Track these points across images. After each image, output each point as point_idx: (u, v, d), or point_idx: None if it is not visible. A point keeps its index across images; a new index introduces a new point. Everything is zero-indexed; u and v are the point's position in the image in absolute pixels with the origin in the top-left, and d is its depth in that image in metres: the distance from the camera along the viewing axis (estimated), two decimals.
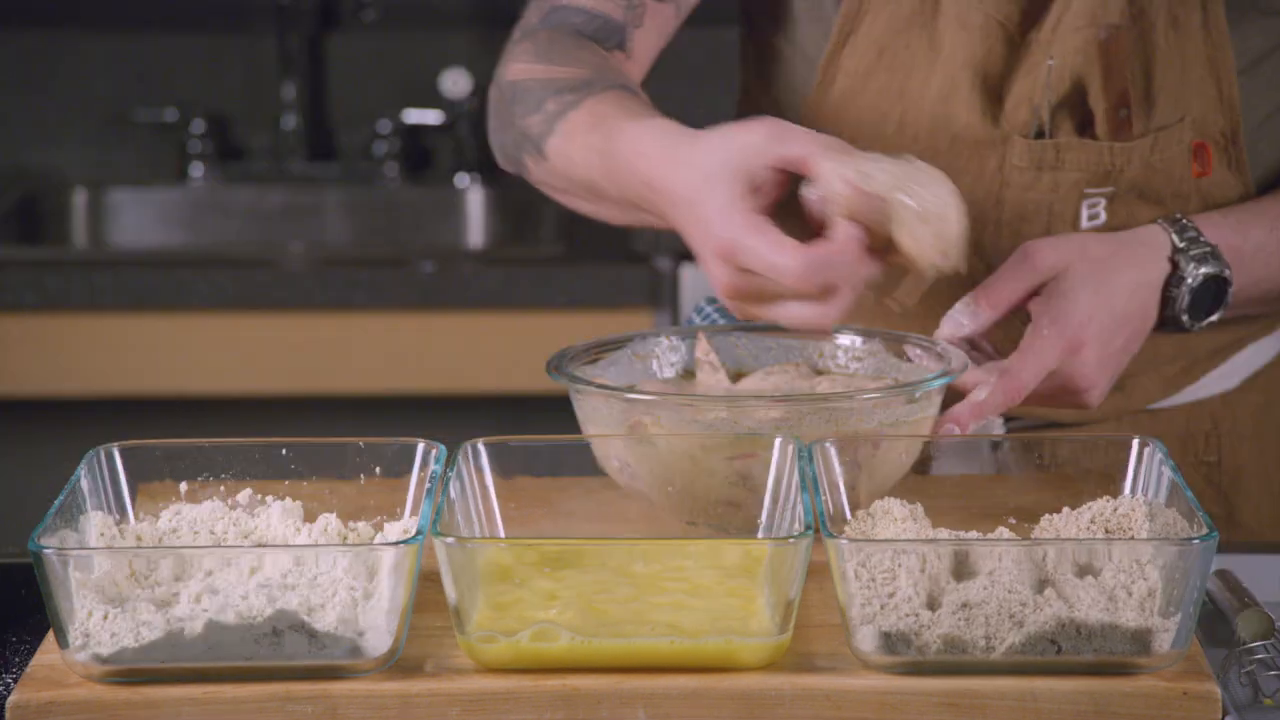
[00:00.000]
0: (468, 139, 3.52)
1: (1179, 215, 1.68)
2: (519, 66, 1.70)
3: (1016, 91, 1.71)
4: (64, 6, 3.53)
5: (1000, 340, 1.66)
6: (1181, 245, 1.66)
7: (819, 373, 1.69)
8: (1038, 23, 1.70)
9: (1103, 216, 1.74)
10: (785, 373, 1.68)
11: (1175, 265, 1.66)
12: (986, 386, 1.58)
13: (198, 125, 3.52)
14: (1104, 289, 1.61)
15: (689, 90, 2.74)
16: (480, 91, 3.53)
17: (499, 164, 1.78)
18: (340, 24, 3.56)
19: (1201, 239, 1.66)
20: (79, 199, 3.52)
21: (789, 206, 1.52)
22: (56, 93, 3.55)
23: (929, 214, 1.47)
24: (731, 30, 1.91)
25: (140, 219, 3.54)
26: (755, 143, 1.48)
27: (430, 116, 3.54)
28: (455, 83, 3.50)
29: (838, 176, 1.46)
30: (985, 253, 1.75)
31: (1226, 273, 1.66)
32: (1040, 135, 1.71)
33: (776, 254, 1.45)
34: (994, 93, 1.72)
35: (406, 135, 3.55)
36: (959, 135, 1.73)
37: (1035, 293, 1.63)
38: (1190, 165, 1.74)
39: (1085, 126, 1.72)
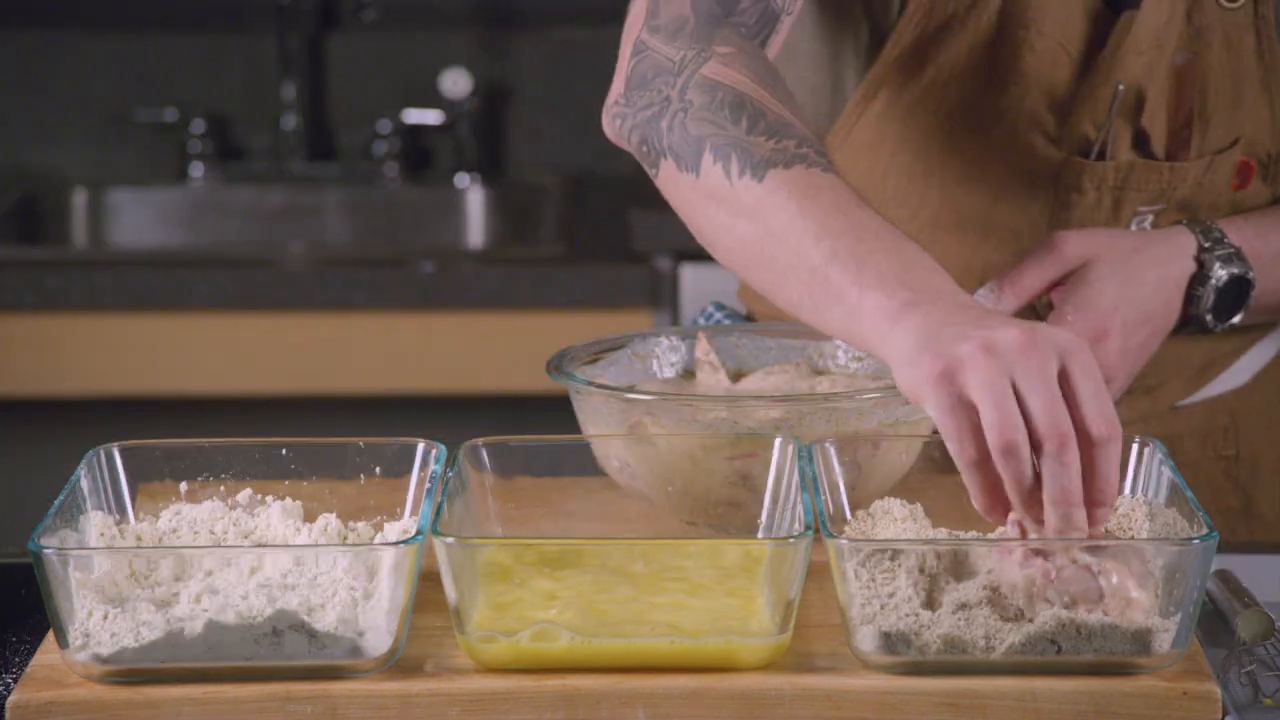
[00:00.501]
0: (468, 139, 3.52)
1: (1204, 217, 1.68)
2: (730, 72, 1.56)
3: (1077, 113, 1.71)
4: (64, 6, 3.53)
5: None
6: (1207, 245, 1.66)
7: (819, 373, 1.69)
8: (1100, 47, 1.69)
9: (1148, 229, 1.74)
10: (785, 373, 1.68)
11: (1201, 265, 1.66)
12: None
13: (198, 125, 3.52)
14: (1130, 282, 1.62)
15: None
16: (480, 91, 3.53)
17: (610, 132, 1.62)
18: (340, 24, 3.56)
19: (1226, 240, 1.66)
20: (79, 199, 3.52)
21: None
22: (56, 93, 3.55)
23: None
24: None
25: (140, 219, 3.54)
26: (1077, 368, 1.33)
27: (430, 116, 3.54)
28: (455, 83, 3.50)
29: None
30: None
31: (1250, 274, 1.66)
32: (1101, 156, 1.71)
33: (1106, 394, 1.32)
34: (1053, 115, 1.72)
35: (406, 135, 3.54)
36: (1014, 155, 1.73)
37: (1060, 282, 1.62)
38: (1231, 180, 1.75)
39: (1140, 146, 1.72)
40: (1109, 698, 1.31)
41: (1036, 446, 1.30)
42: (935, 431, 1.50)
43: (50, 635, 1.37)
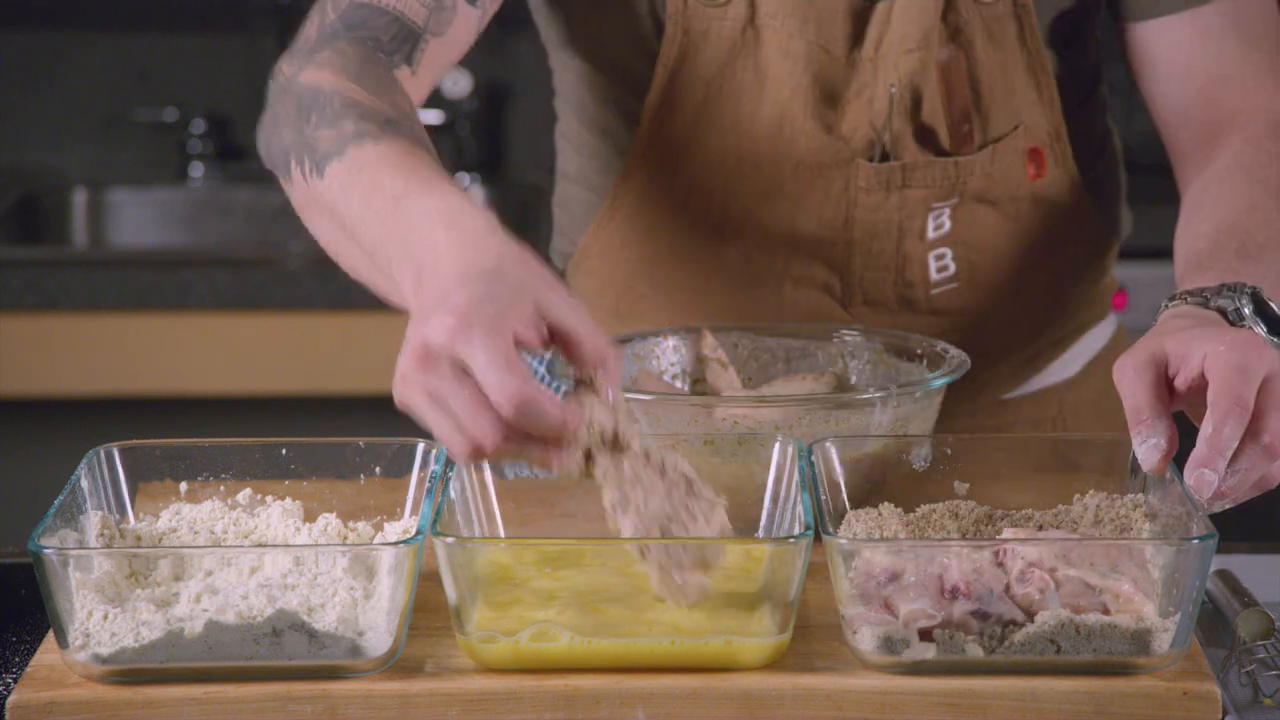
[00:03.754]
0: (468, 139, 3.52)
1: (1243, 309, 1.54)
2: (320, 74, 1.58)
3: (852, 114, 1.74)
4: (64, 6, 3.53)
5: None
6: (1264, 334, 1.53)
7: (842, 384, 1.69)
8: (859, 44, 1.72)
9: (947, 225, 1.78)
10: (806, 381, 1.68)
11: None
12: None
13: (198, 125, 3.53)
14: None
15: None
16: (481, 91, 3.53)
17: (263, 157, 1.62)
18: None
19: (1259, 322, 1.54)
20: (79, 199, 3.52)
21: None
22: (56, 93, 3.55)
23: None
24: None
25: (140, 219, 3.54)
26: (553, 292, 1.34)
27: (430, 116, 3.53)
28: (455, 83, 3.50)
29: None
30: (838, 269, 1.79)
31: None
32: (885, 158, 1.75)
33: (500, 364, 1.28)
34: (829, 116, 1.74)
35: None
36: (801, 161, 1.75)
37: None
38: (1026, 169, 1.78)
39: (926, 142, 1.76)
40: (1109, 698, 1.31)
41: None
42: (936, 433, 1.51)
43: (50, 635, 1.37)
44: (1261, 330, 1.50)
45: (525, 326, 1.31)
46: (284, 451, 1.52)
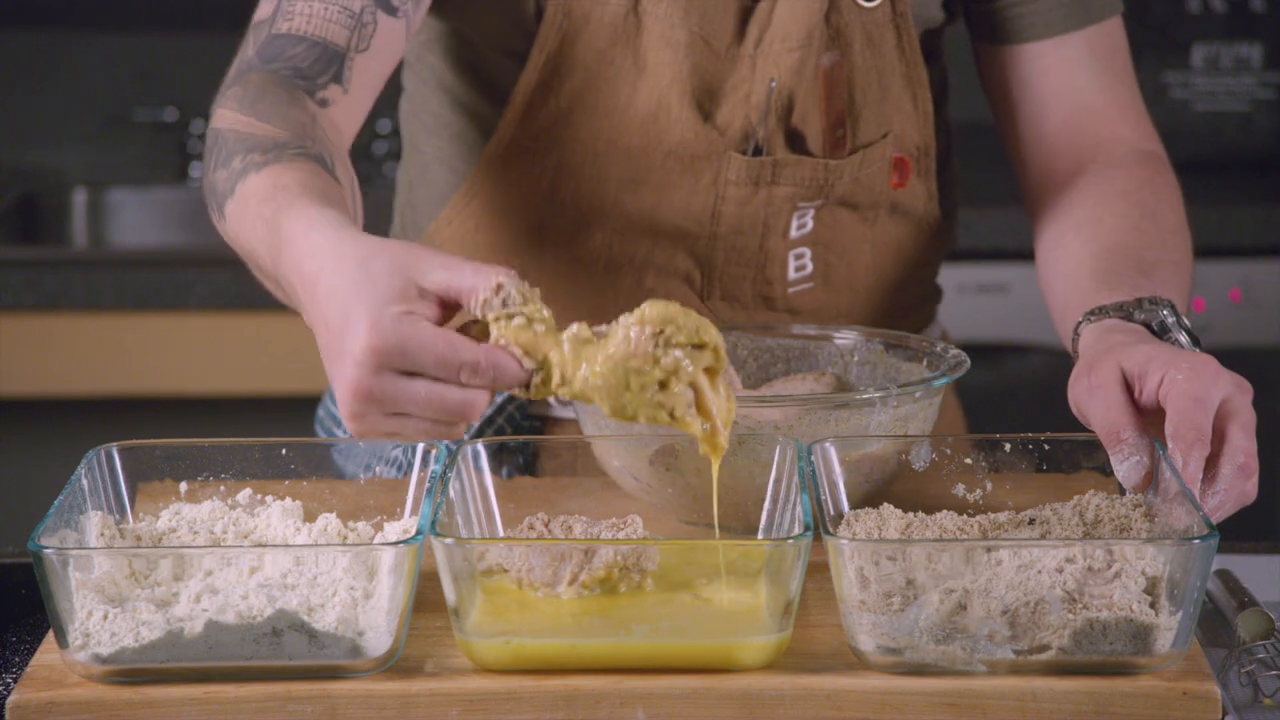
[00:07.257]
0: None
1: (1166, 320, 1.58)
2: (225, 113, 1.60)
3: (728, 107, 1.74)
4: (64, 6, 3.53)
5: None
6: (1187, 344, 1.58)
7: (843, 386, 1.69)
8: (741, 38, 1.73)
9: (810, 225, 1.80)
10: (806, 381, 1.68)
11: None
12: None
13: (198, 125, 3.52)
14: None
15: None
16: None
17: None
18: None
19: (1181, 331, 1.59)
20: (79, 199, 3.52)
21: None
22: (56, 93, 3.55)
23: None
24: None
25: (140, 219, 3.53)
26: (423, 261, 1.34)
27: None
28: None
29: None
30: (700, 261, 1.80)
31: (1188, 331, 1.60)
32: (758, 152, 1.75)
33: (442, 349, 1.30)
34: (705, 108, 1.75)
35: None
36: (672, 151, 1.76)
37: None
38: (890, 177, 1.81)
39: (797, 142, 1.77)
40: (1109, 698, 1.31)
41: None
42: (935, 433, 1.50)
43: (50, 635, 1.37)
44: (1184, 339, 1.56)
45: (424, 307, 1.32)
46: (284, 451, 1.52)
